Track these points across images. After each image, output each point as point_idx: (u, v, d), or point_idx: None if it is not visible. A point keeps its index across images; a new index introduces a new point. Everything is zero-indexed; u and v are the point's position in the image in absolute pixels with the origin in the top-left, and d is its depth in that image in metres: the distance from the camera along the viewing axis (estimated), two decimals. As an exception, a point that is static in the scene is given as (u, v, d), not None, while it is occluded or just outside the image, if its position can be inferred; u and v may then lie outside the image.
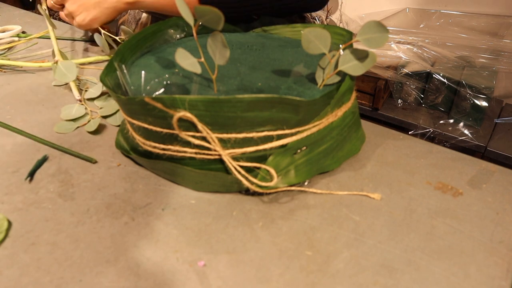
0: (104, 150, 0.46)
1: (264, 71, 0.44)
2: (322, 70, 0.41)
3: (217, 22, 0.34)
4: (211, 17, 0.34)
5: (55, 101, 0.57)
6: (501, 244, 0.35)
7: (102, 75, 0.41)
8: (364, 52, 0.38)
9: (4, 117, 0.53)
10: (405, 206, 0.39)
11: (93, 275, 0.32)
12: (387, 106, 1.27)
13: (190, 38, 0.54)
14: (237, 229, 0.36)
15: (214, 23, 0.34)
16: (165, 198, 0.39)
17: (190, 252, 0.34)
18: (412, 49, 1.20)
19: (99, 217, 0.37)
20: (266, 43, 0.52)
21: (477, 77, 1.12)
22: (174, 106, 0.33)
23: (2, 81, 0.63)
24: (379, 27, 0.36)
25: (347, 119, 0.42)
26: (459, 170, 0.43)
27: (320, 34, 0.38)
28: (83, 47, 0.78)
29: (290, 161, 0.38)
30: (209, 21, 0.35)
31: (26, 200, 0.39)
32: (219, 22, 0.34)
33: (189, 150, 0.37)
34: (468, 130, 1.13)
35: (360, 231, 0.36)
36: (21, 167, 0.44)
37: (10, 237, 0.35)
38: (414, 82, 1.21)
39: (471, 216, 0.38)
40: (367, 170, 0.43)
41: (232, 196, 0.40)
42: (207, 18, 0.34)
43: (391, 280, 0.32)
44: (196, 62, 0.38)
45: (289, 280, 0.32)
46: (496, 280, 0.32)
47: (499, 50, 1.14)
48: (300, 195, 0.40)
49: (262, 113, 0.34)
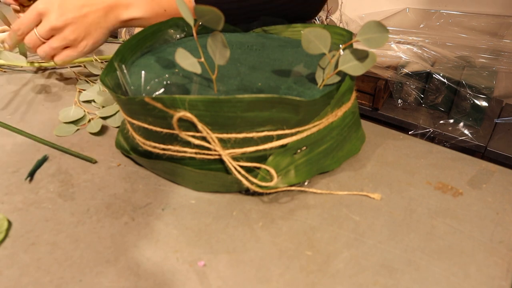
0: (104, 150, 0.46)
1: (264, 71, 0.44)
2: (322, 70, 0.41)
3: (217, 22, 0.34)
4: (211, 17, 0.34)
5: (55, 101, 0.57)
6: (501, 244, 0.35)
7: (102, 75, 0.41)
8: (364, 52, 0.38)
9: (4, 117, 0.53)
10: (405, 206, 0.39)
11: (93, 275, 0.32)
12: (387, 106, 1.27)
13: (190, 38, 0.54)
14: (237, 229, 0.36)
15: (214, 23, 0.34)
16: (165, 198, 0.39)
17: (190, 252, 0.34)
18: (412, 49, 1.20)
19: (99, 217, 0.37)
20: (266, 43, 0.52)
21: (477, 77, 1.12)
22: (174, 106, 0.33)
23: (2, 81, 0.63)
24: (379, 27, 0.36)
25: (347, 119, 0.42)
26: (459, 170, 0.43)
27: (320, 34, 0.38)
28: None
29: (290, 161, 0.38)
30: (209, 21, 0.35)
31: (26, 200, 0.39)
32: (219, 22, 0.34)
33: (189, 150, 0.37)
34: (468, 130, 1.13)
35: (360, 231, 0.36)
36: (21, 167, 0.44)
37: (10, 237, 0.35)
38: (414, 82, 1.21)
39: (471, 216, 0.38)
40: (367, 170, 0.43)
41: (232, 196, 0.40)
42: (207, 18, 0.34)
43: (391, 280, 0.32)
44: (196, 62, 0.38)
45: (289, 280, 0.32)
46: (496, 280, 0.32)
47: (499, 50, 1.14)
48: (300, 195, 0.40)
49: (262, 113, 0.34)
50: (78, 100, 0.56)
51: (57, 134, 0.49)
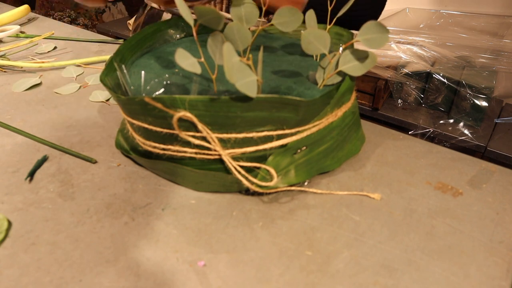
0: (104, 150, 0.46)
1: (264, 71, 0.44)
2: (322, 70, 0.41)
3: (217, 22, 0.34)
4: (211, 17, 0.34)
5: (55, 101, 0.57)
6: (501, 244, 0.35)
7: (102, 75, 0.41)
8: (365, 52, 0.38)
9: (4, 117, 0.53)
10: (405, 206, 0.39)
11: (93, 275, 0.32)
12: (387, 106, 1.27)
13: (190, 38, 0.54)
14: (237, 229, 0.36)
15: (214, 23, 0.34)
16: (165, 198, 0.39)
17: (190, 252, 0.34)
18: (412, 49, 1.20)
19: (99, 217, 0.37)
20: (265, 43, 0.52)
21: (477, 77, 1.12)
22: (174, 106, 0.33)
23: (2, 81, 0.63)
24: (379, 27, 0.36)
25: (347, 119, 0.42)
26: (459, 170, 0.43)
27: (319, 35, 0.38)
28: (83, 47, 0.78)
29: (290, 161, 0.38)
30: (209, 21, 0.35)
31: (26, 200, 0.39)
32: (219, 22, 0.34)
33: (189, 150, 0.37)
34: (468, 130, 1.13)
35: (360, 231, 0.36)
36: (21, 167, 0.44)
37: (10, 237, 0.35)
38: (414, 82, 1.21)
39: (471, 216, 0.38)
40: (367, 170, 0.43)
41: (232, 196, 0.40)
42: (207, 18, 0.34)
43: (391, 280, 0.32)
44: (196, 62, 0.38)
45: (289, 280, 0.32)
46: (496, 280, 0.32)
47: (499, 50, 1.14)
48: (300, 195, 0.40)
49: (262, 113, 0.34)
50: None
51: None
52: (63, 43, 0.79)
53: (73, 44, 0.79)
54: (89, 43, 0.80)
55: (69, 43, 0.79)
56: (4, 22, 0.85)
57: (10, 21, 0.87)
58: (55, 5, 2.24)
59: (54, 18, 2.10)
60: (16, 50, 0.74)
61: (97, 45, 0.79)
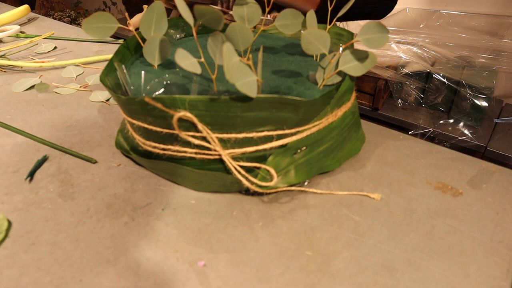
0: (104, 150, 0.46)
1: (264, 71, 0.44)
2: (322, 70, 0.41)
3: (217, 22, 0.34)
4: (211, 17, 0.34)
5: (55, 101, 0.57)
6: (501, 244, 0.35)
7: (102, 75, 0.41)
8: (365, 52, 0.38)
9: (4, 117, 0.53)
10: (405, 206, 0.39)
11: (93, 275, 0.32)
12: (387, 106, 1.27)
13: (190, 38, 0.54)
14: (237, 229, 0.36)
15: (214, 23, 0.34)
16: (165, 198, 0.39)
17: (190, 252, 0.34)
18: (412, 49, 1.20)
19: (99, 217, 0.37)
20: (265, 43, 0.52)
21: (477, 77, 1.12)
22: (174, 106, 0.33)
23: (2, 81, 0.63)
24: (379, 27, 0.36)
25: (347, 119, 0.42)
26: (459, 170, 0.43)
27: (319, 35, 0.38)
28: (83, 47, 0.78)
29: (290, 161, 0.38)
30: (209, 21, 0.35)
31: (26, 200, 0.39)
32: (219, 22, 0.34)
33: (189, 150, 0.37)
34: (468, 130, 1.13)
35: (360, 231, 0.36)
36: (21, 167, 0.44)
37: (10, 237, 0.35)
38: (414, 82, 1.21)
39: (471, 216, 0.38)
40: (367, 170, 0.43)
41: (232, 196, 0.40)
42: (207, 18, 0.34)
43: (391, 280, 0.32)
44: (196, 62, 0.38)
45: (289, 280, 0.32)
46: (496, 280, 0.32)
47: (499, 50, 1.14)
48: (300, 195, 0.40)
49: (262, 113, 0.34)
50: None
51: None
52: (63, 43, 0.79)
53: (73, 44, 0.79)
54: (89, 43, 0.80)
55: (69, 43, 0.79)
56: (4, 22, 0.85)
57: (10, 21, 0.87)
58: (55, 5, 2.24)
59: (54, 18, 2.10)
60: (16, 50, 0.74)
61: (97, 45, 0.79)
